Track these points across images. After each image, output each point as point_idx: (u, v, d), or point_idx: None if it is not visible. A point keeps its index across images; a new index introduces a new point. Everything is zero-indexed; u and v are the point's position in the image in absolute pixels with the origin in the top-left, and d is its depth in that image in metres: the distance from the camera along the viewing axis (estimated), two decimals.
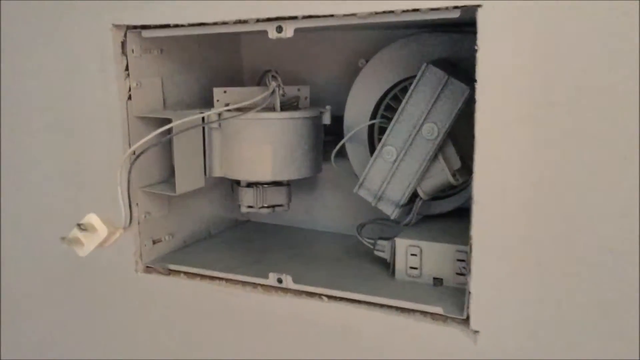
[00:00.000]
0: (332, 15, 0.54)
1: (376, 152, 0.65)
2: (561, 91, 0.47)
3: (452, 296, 0.59)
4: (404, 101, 0.63)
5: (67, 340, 0.79)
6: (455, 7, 0.50)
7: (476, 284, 0.53)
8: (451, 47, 0.66)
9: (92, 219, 0.48)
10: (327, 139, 0.74)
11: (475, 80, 0.50)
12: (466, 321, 0.55)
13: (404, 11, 0.52)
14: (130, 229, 0.53)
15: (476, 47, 0.49)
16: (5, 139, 0.77)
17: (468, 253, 0.54)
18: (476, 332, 0.54)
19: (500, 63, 0.49)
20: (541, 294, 0.51)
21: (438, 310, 0.56)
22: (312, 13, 0.55)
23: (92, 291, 0.75)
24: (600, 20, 0.45)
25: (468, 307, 0.54)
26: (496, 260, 0.52)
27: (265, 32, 0.59)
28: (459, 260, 0.62)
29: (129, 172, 0.54)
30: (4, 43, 0.73)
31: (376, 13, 0.52)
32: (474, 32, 0.49)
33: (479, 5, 0.48)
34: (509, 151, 0.50)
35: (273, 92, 0.70)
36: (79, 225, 0.47)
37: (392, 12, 0.52)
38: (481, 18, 0.48)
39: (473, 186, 0.52)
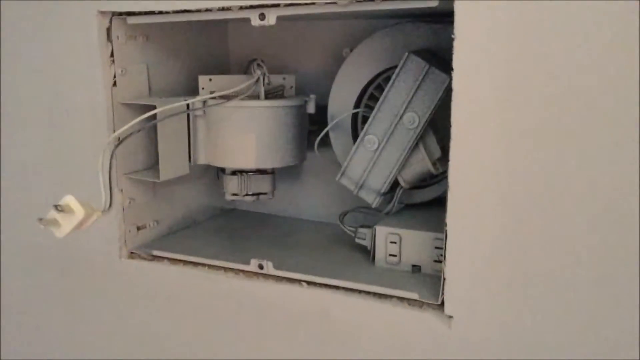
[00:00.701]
0: (313, 3, 0.55)
1: (358, 141, 0.66)
2: (538, 82, 0.48)
3: (428, 283, 0.60)
4: (385, 90, 0.64)
5: (48, 324, 0.80)
6: None
7: (451, 270, 0.54)
8: (434, 37, 0.67)
9: (69, 200, 0.48)
10: (312, 127, 0.75)
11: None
12: (441, 307, 0.56)
13: (383, 0, 0.52)
14: (112, 213, 0.53)
15: (453, 37, 0.50)
16: None
17: (443, 240, 0.55)
18: (450, 317, 0.55)
19: (477, 53, 0.49)
20: (514, 280, 0.52)
21: (414, 295, 0.57)
22: (293, 1, 0.55)
23: (75, 276, 0.75)
24: (579, 12, 0.46)
25: (443, 293, 0.55)
26: (470, 247, 0.53)
27: (250, 20, 0.60)
28: (437, 247, 0.63)
29: (111, 157, 0.55)
30: None
31: (357, 1, 0.53)
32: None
33: None
34: (485, 140, 0.51)
35: (258, 80, 0.70)
36: (56, 206, 0.48)
37: (372, 0, 0.53)
38: (458, 7, 0.49)
39: (449, 175, 0.53)
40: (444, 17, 0.66)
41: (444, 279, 0.55)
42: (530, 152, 0.49)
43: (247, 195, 0.74)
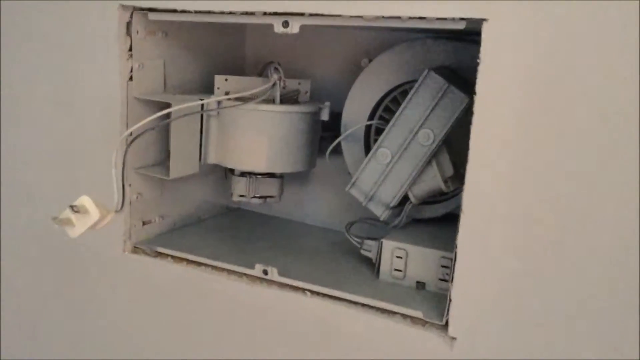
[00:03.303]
0: (339, 15, 0.54)
1: (371, 153, 0.66)
2: (559, 111, 0.48)
3: (433, 301, 0.60)
4: (402, 105, 0.63)
5: (49, 314, 0.80)
6: (462, 19, 0.50)
7: (457, 291, 0.54)
8: (454, 55, 0.66)
9: (85, 201, 0.48)
10: (324, 134, 0.75)
11: (474, 92, 0.51)
12: (444, 327, 0.56)
13: (410, 18, 0.52)
14: (122, 211, 0.53)
15: (478, 60, 0.49)
16: (2, 115, 0.77)
17: (452, 260, 0.55)
18: (453, 338, 0.55)
19: (501, 78, 0.49)
20: (522, 306, 0.52)
21: (418, 314, 0.57)
22: (319, 11, 0.55)
23: (79, 268, 0.75)
24: (604, 41, 0.46)
25: (447, 314, 0.55)
26: (479, 269, 0.53)
27: (271, 25, 0.59)
28: (443, 266, 0.63)
29: (125, 155, 0.54)
30: (6, 16, 0.73)
31: (383, 17, 0.53)
32: (478, 42, 0.50)
33: (484, 19, 0.49)
34: (502, 165, 0.51)
35: (274, 84, 0.70)
36: (71, 207, 0.47)
37: (399, 17, 0.52)
38: (486, 32, 0.49)
39: (462, 196, 0.53)
40: (466, 35, 0.66)
41: (450, 300, 0.54)
42: (549, 182, 0.49)
43: (254, 197, 0.74)
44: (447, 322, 0.55)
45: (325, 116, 0.72)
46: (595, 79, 0.47)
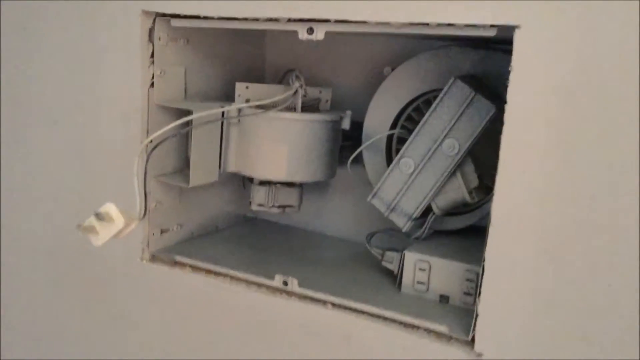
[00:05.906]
0: (365, 22, 0.53)
1: (393, 163, 0.65)
2: (593, 121, 0.47)
3: (457, 315, 0.58)
4: (427, 114, 0.62)
5: (66, 324, 0.79)
6: (492, 26, 0.49)
7: (485, 306, 0.52)
8: (480, 63, 0.65)
9: (110, 208, 0.47)
10: (345, 144, 0.74)
11: (501, 100, 0.49)
12: (471, 343, 0.54)
13: (439, 24, 0.51)
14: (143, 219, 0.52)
15: (510, 69, 0.48)
16: (23, 121, 0.76)
17: (479, 274, 0.53)
18: (480, 354, 0.53)
19: (533, 86, 0.48)
20: (551, 323, 0.50)
21: (443, 329, 0.56)
22: (345, 18, 0.54)
23: (97, 276, 0.74)
24: None
25: (474, 329, 0.53)
26: (507, 284, 0.51)
27: (291, 32, 0.58)
28: (467, 279, 0.61)
29: (147, 162, 0.54)
30: (30, 20, 0.73)
31: (411, 24, 0.52)
32: (504, 50, 0.49)
33: (517, 26, 0.47)
34: (533, 177, 0.49)
35: (295, 92, 0.69)
36: (96, 214, 0.46)
37: (427, 24, 0.51)
38: (518, 39, 0.48)
39: (492, 208, 0.51)
40: (492, 43, 0.65)
41: (477, 314, 0.53)
42: (582, 195, 0.48)
43: (273, 206, 0.73)
44: (473, 338, 0.54)
45: (346, 125, 0.71)
46: (633, 86, 0.45)
